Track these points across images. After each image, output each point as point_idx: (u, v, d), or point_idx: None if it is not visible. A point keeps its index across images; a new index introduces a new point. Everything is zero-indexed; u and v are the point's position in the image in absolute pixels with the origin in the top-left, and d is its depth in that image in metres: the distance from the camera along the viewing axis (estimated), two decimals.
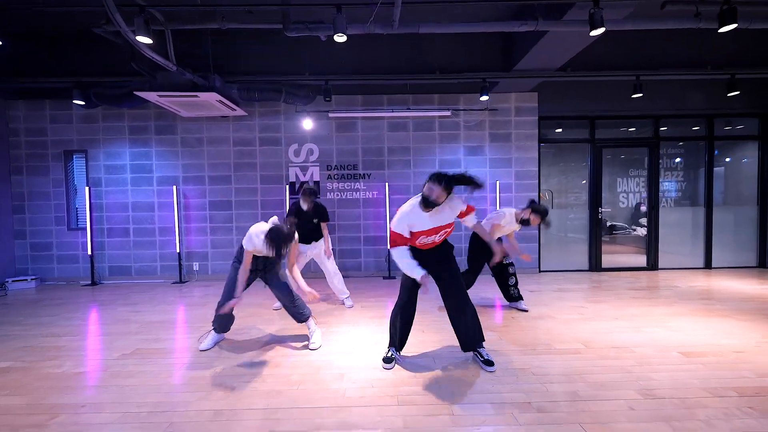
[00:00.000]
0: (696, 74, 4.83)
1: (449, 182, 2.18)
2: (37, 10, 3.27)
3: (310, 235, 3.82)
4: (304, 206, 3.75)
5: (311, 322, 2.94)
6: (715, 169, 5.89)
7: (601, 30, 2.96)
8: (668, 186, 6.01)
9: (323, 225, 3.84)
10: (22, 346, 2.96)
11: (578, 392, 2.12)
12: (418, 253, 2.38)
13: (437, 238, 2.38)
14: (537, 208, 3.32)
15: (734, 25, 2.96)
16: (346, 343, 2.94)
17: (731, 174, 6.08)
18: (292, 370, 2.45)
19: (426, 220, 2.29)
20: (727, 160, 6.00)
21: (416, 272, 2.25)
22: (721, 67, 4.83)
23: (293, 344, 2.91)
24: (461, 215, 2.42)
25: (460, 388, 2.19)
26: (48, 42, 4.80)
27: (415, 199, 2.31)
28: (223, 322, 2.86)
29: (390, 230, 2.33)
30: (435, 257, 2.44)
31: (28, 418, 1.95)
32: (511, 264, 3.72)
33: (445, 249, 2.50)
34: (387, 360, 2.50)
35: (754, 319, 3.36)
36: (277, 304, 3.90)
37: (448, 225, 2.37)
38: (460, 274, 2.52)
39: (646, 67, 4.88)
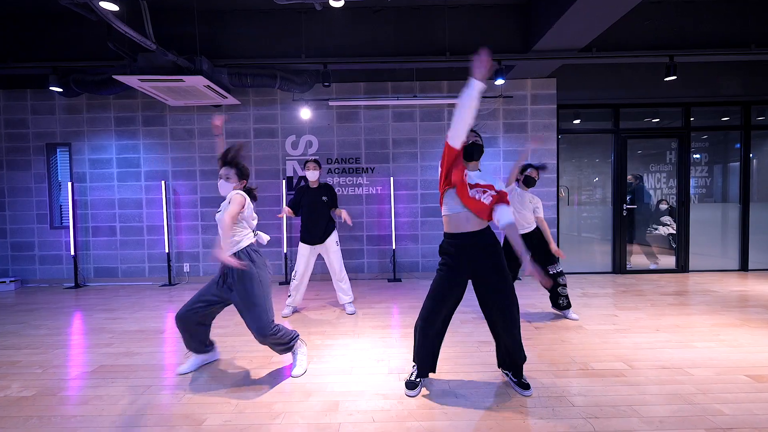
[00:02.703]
0: (738, 54, 4.32)
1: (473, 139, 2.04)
2: None
3: (319, 223, 3.42)
4: (311, 177, 3.42)
5: (297, 348, 2.35)
6: (735, 164, 5.38)
7: None
8: (693, 182, 5.51)
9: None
10: None
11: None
12: (459, 240, 1.98)
13: (485, 198, 1.94)
14: (525, 166, 3.26)
15: None
16: (344, 360, 2.51)
17: (764, 169, 5.56)
18: (277, 398, 2.03)
19: (473, 175, 1.99)
20: (750, 155, 5.49)
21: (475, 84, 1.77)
22: (767, 46, 4.31)
23: (283, 362, 2.49)
24: (498, 196, 1.97)
25: (484, 425, 1.75)
26: (23, 24, 4.44)
27: None
28: (192, 339, 2.29)
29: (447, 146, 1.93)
30: (480, 253, 1.97)
31: None
32: (561, 273, 3.25)
33: (491, 246, 2.00)
34: (410, 385, 2.05)
35: None
36: (286, 310, 3.50)
37: (492, 186, 1.98)
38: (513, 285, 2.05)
39: (679, 46, 4.39)
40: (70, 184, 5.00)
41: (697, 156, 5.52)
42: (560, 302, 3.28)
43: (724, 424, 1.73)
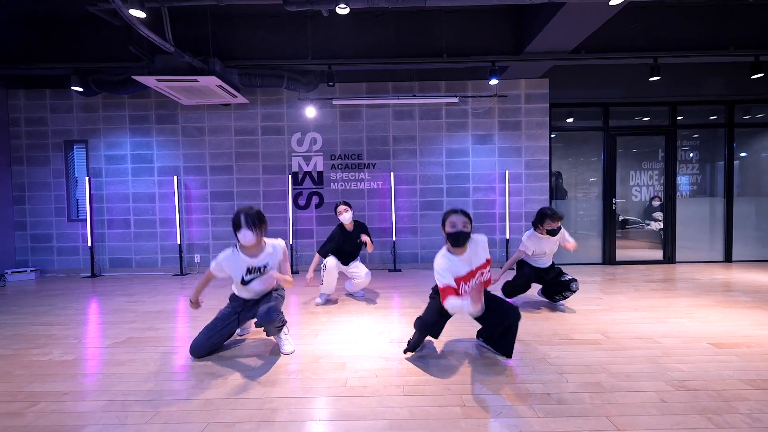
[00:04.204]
0: (718, 55, 4.58)
1: (465, 211, 2.14)
2: None
3: (352, 255, 3.68)
4: (346, 219, 3.50)
5: (285, 330, 2.51)
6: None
7: None
8: (683, 179, 5.77)
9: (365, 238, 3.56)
10: (11, 334, 2.85)
11: (602, 383, 1.93)
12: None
13: (480, 279, 2.15)
14: (545, 213, 3.19)
15: None
16: (349, 332, 2.78)
17: (751, 165, 5.82)
18: (291, 360, 2.30)
19: (461, 265, 2.10)
20: (743, 154, 5.75)
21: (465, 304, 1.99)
22: (745, 48, 4.57)
23: (294, 334, 2.75)
24: (485, 266, 2.18)
25: (472, 378, 2.01)
26: (46, 28, 4.71)
27: (443, 251, 2.17)
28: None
29: (440, 288, 2.07)
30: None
31: (6, 405, 1.82)
32: (572, 280, 3.22)
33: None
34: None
35: None
36: (319, 299, 3.60)
37: (485, 265, 2.17)
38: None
39: (663, 48, 4.65)
40: (87, 179, 5.27)
41: (691, 154, 5.79)
42: (556, 297, 3.32)
43: (680, 378, 1.99)
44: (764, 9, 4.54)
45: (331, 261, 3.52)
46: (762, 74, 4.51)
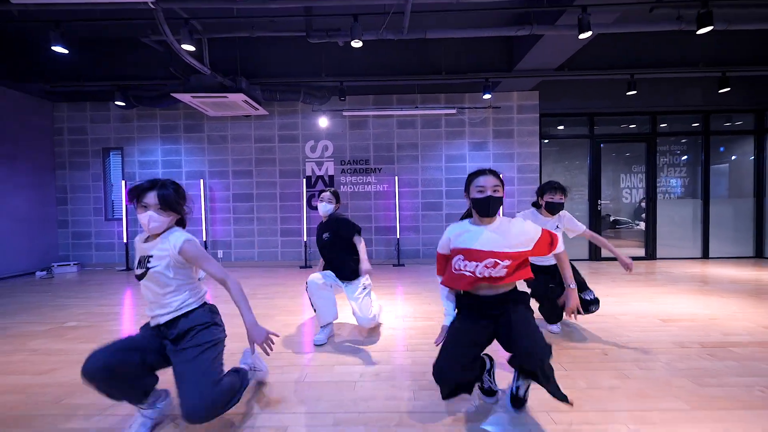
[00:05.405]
0: (689, 72, 5.11)
1: (494, 171, 1.61)
2: (100, 24, 3.78)
3: (341, 265, 2.68)
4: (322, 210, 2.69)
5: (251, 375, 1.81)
6: (719, 165, 6.13)
7: (588, 33, 3.31)
8: (673, 182, 6.24)
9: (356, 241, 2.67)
10: (81, 312, 3.43)
11: (558, 343, 2.47)
12: (471, 301, 1.63)
13: (486, 272, 1.51)
14: (548, 187, 2.57)
15: (710, 27, 3.28)
16: None
17: (735, 169, 6.29)
18: (306, 329, 2.86)
19: (478, 235, 1.56)
20: (733, 157, 6.24)
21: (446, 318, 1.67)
22: (713, 65, 5.10)
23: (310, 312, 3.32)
24: (539, 248, 1.60)
25: None
26: (91, 49, 5.32)
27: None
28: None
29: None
30: (498, 308, 1.60)
31: None
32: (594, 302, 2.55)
33: (514, 298, 1.63)
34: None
35: (738, 296, 3.65)
36: (319, 335, 2.59)
37: (514, 255, 1.53)
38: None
39: (640, 65, 5.19)
40: (122, 182, 5.88)
41: (685, 158, 6.27)
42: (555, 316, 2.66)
43: (624, 340, 2.52)
44: (728, 32, 5.06)
45: (316, 276, 2.58)
46: (728, 89, 5.03)
